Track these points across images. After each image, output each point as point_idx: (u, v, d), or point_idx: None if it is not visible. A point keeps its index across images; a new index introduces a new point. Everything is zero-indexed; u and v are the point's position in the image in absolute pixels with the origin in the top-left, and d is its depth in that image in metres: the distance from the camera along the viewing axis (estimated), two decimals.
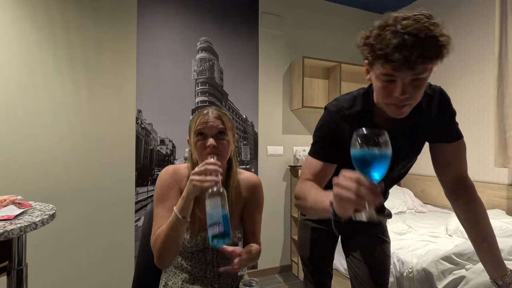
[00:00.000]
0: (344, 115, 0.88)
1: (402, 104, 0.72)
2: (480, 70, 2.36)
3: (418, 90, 0.72)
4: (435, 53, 0.67)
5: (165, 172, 0.96)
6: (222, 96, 2.47)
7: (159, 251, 0.86)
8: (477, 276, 1.29)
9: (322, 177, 0.89)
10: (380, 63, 0.69)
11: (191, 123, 0.93)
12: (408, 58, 0.64)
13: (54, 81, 1.97)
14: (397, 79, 0.69)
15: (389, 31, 0.66)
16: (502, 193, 2.17)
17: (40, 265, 1.89)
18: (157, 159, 2.27)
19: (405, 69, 0.66)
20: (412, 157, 0.96)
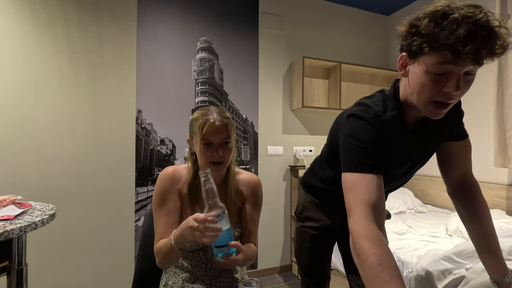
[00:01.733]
0: (382, 121, 0.77)
1: (449, 102, 0.67)
2: (480, 70, 2.35)
3: (468, 86, 0.66)
4: (502, 49, 0.61)
5: (163, 175, 0.95)
6: (222, 96, 2.47)
7: (160, 262, 0.89)
8: (477, 276, 1.29)
9: (382, 198, 0.71)
10: (439, 54, 0.61)
11: (194, 127, 0.91)
12: (478, 51, 0.58)
13: (54, 81, 1.96)
14: (454, 71, 0.63)
15: (452, 19, 0.59)
16: (502, 193, 2.17)
17: (40, 265, 1.89)
18: (157, 159, 2.27)
19: (470, 63, 0.61)
20: (425, 162, 0.94)
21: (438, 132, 0.85)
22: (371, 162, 0.72)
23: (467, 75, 0.65)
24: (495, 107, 2.08)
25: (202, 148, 0.89)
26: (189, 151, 0.98)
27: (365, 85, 3.01)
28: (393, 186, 0.99)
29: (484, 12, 0.59)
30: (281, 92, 2.71)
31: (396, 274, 0.61)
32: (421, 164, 0.93)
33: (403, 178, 0.95)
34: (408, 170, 0.91)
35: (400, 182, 0.97)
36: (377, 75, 3.07)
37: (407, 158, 0.87)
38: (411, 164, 0.89)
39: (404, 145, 0.82)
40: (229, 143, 0.92)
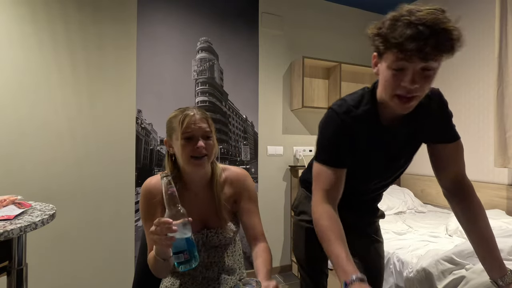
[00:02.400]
0: (353, 116, 0.84)
1: (410, 96, 0.72)
2: (480, 70, 2.36)
3: (427, 81, 0.72)
4: (448, 46, 0.67)
5: (145, 189, 0.93)
6: (222, 96, 2.47)
7: (153, 272, 0.88)
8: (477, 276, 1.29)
9: (338, 187, 0.85)
10: (392, 52, 0.70)
11: (173, 123, 0.89)
12: (422, 49, 0.65)
13: (54, 81, 1.96)
14: (408, 67, 0.70)
15: (404, 21, 0.66)
16: (502, 193, 2.17)
17: (40, 265, 1.89)
18: (157, 159, 2.27)
19: (417, 60, 0.67)
20: (408, 160, 0.96)
21: (419, 132, 0.88)
22: (331, 156, 0.84)
23: (424, 70, 0.70)
24: (495, 107, 2.08)
25: (183, 143, 0.86)
26: (167, 155, 0.95)
27: (365, 85, 2.99)
28: (381, 183, 1.00)
29: (437, 14, 0.67)
30: (281, 92, 2.71)
31: (340, 237, 0.79)
32: (404, 162, 0.95)
33: (387, 174, 0.97)
34: (390, 166, 0.94)
35: (386, 179, 0.99)
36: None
37: (384, 154, 0.89)
38: (392, 161, 0.92)
39: (378, 141, 0.87)
40: (210, 137, 0.90)
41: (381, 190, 1.07)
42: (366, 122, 0.84)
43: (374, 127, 0.85)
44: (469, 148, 2.43)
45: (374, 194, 1.07)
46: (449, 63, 2.56)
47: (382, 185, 1.03)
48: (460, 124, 2.49)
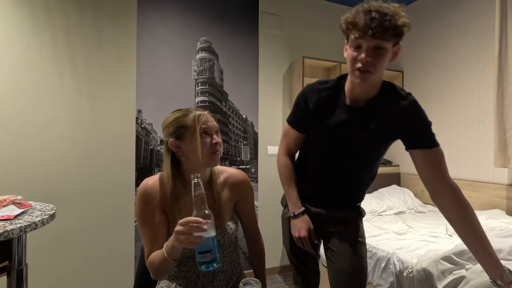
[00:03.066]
0: (315, 90, 1.04)
1: (365, 69, 0.87)
2: (480, 70, 2.36)
3: (379, 59, 0.87)
4: (392, 28, 0.83)
5: (142, 191, 0.91)
6: (222, 96, 2.47)
7: (154, 274, 0.87)
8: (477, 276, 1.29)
9: (296, 147, 1.15)
10: (352, 33, 0.87)
11: (184, 123, 0.88)
12: (369, 25, 0.82)
13: (54, 81, 1.96)
14: (363, 44, 0.86)
15: (363, 9, 0.85)
16: (502, 193, 2.17)
17: (40, 265, 1.89)
18: (157, 159, 2.27)
19: (368, 37, 0.84)
20: (369, 149, 1.02)
21: (386, 126, 0.97)
22: (294, 119, 1.11)
23: (377, 49, 0.86)
24: (495, 107, 2.08)
25: (202, 139, 0.87)
26: (168, 156, 0.91)
27: None
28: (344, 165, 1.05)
29: (391, 6, 0.84)
30: (281, 92, 2.71)
31: (294, 181, 1.13)
32: (364, 149, 1.02)
33: (347, 155, 1.03)
34: (347, 147, 1.02)
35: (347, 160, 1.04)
36: None
37: (341, 130, 1.00)
38: (348, 141, 1.01)
39: (338, 116, 1.00)
40: (218, 132, 0.94)
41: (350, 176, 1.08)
42: (331, 95, 1.02)
43: (336, 103, 1.01)
44: (469, 148, 2.43)
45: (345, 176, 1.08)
46: (449, 63, 2.57)
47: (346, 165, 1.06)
48: (460, 124, 2.49)
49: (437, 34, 2.71)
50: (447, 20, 2.62)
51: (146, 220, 0.89)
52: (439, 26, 2.69)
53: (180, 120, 0.89)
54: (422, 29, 2.85)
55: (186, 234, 0.71)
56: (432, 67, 2.74)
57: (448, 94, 2.59)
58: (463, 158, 2.47)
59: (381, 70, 0.90)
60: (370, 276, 1.74)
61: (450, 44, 2.59)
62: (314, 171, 1.13)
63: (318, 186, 1.13)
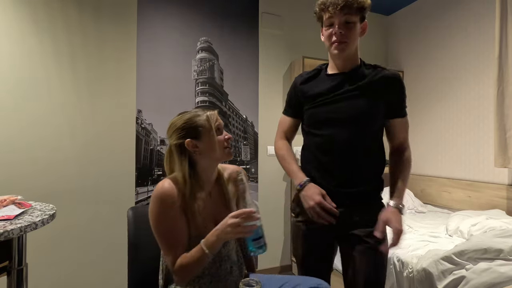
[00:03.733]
0: (301, 75, 1.19)
1: (340, 40, 1.02)
2: (480, 70, 2.36)
3: (350, 31, 1.02)
4: (356, 4, 0.99)
5: (163, 195, 0.88)
6: (222, 96, 2.47)
7: (186, 278, 0.88)
8: (477, 276, 1.29)
9: (291, 132, 1.23)
10: (324, 14, 1.04)
11: (199, 123, 0.92)
12: (337, 3, 0.98)
13: (54, 81, 1.96)
14: (334, 21, 1.01)
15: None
16: (502, 193, 2.17)
17: (40, 265, 1.89)
18: (157, 159, 2.27)
19: (337, 12, 0.99)
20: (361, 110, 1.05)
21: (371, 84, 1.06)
22: (287, 108, 1.22)
23: (347, 23, 1.01)
24: (495, 107, 2.08)
25: (218, 137, 0.94)
26: (183, 158, 0.92)
27: None
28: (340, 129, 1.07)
29: None
30: (281, 92, 2.71)
31: (293, 159, 1.17)
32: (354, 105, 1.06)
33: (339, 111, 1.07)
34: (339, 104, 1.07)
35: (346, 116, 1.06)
36: None
37: (329, 90, 1.09)
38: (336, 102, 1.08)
39: (323, 81, 1.12)
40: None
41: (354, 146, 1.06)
42: (316, 75, 1.15)
43: (321, 77, 1.14)
44: (469, 148, 2.43)
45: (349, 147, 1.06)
46: (449, 63, 2.57)
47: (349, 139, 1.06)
48: (460, 124, 2.49)
49: (437, 34, 2.71)
50: (447, 20, 2.62)
51: (170, 225, 0.88)
52: (439, 26, 2.69)
53: (193, 120, 0.93)
54: (422, 29, 2.85)
55: (241, 225, 0.79)
56: (432, 67, 2.74)
57: (449, 94, 2.59)
58: (463, 158, 2.47)
59: (355, 42, 1.05)
60: None
61: (450, 44, 2.59)
62: (320, 154, 1.09)
63: (328, 169, 1.08)
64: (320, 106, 1.09)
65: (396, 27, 3.15)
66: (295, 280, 0.99)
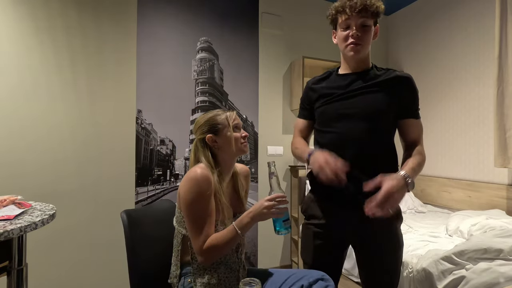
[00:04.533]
0: (313, 78, 1.22)
1: (356, 43, 1.04)
2: (480, 70, 2.36)
3: (366, 34, 1.04)
4: (373, 8, 1.02)
5: (200, 178, 0.94)
6: (222, 96, 2.47)
7: (214, 258, 0.96)
8: (477, 276, 1.29)
9: (306, 132, 1.24)
10: (340, 17, 1.05)
11: (219, 121, 1.04)
12: (355, 7, 1.00)
13: (54, 81, 1.97)
14: (351, 23, 1.03)
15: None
16: (502, 193, 2.17)
17: (40, 265, 1.89)
18: (157, 159, 2.27)
19: (355, 15, 1.01)
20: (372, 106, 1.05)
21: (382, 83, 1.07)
22: (301, 111, 1.25)
23: (363, 26, 1.03)
24: (495, 107, 2.08)
25: (236, 133, 1.05)
26: (205, 150, 1.04)
27: None
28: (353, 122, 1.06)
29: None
30: (281, 92, 2.71)
31: (302, 143, 1.19)
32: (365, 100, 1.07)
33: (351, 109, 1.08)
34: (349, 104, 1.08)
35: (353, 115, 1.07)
36: None
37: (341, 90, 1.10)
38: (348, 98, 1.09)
39: (336, 83, 1.14)
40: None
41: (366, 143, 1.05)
42: (327, 77, 1.18)
43: (332, 78, 1.16)
44: (469, 148, 2.43)
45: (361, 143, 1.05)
46: (449, 63, 2.57)
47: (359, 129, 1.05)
48: (461, 124, 2.49)
49: (438, 34, 2.70)
50: (447, 20, 2.62)
51: (205, 206, 0.96)
52: (439, 26, 2.69)
53: (214, 119, 1.05)
54: (422, 29, 2.85)
55: (275, 207, 0.91)
56: (432, 67, 2.74)
57: (449, 94, 2.59)
58: (463, 158, 2.47)
59: (369, 45, 1.07)
60: None
61: (450, 44, 2.59)
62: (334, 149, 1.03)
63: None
64: (332, 103, 1.10)
65: (396, 27, 3.15)
66: (301, 272, 1.03)
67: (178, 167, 2.34)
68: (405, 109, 1.08)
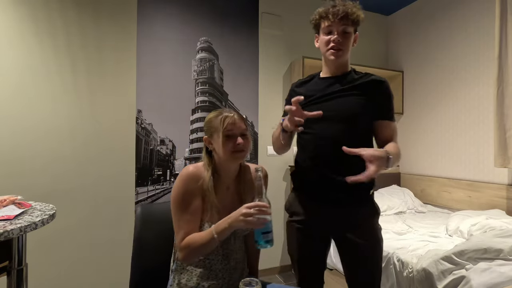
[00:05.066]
0: (296, 81, 1.29)
1: (338, 48, 1.10)
2: (480, 70, 2.36)
3: (346, 40, 1.11)
4: (352, 17, 1.09)
5: (186, 175, 0.97)
6: (222, 96, 2.47)
7: (190, 257, 0.94)
8: (477, 276, 1.29)
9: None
10: (323, 22, 1.12)
11: (214, 123, 0.98)
12: (337, 13, 1.08)
13: (54, 81, 1.97)
14: (333, 29, 1.10)
15: (329, 5, 1.11)
16: (502, 193, 2.17)
17: (40, 265, 1.89)
18: (157, 159, 2.27)
19: (337, 21, 1.08)
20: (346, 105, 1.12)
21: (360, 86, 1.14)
22: (285, 113, 1.16)
23: (344, 33, 1.11)
24: (495, 107, 2.08)
25: (225, 140, 0.96)
26: (205, 151, 1.04)
27: None
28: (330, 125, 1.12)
29: (348, 1, 1.11)
30: (281, 92, 2.71)
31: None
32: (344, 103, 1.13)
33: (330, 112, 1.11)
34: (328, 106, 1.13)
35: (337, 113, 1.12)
36: (377, 74, 3.06)
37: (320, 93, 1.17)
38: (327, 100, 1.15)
39: (316, 86, 1.20)
40: (246, 135, 1.00)
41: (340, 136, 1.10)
42: (310, 80, 1.24)
43: (314, 81, 1.23)
44: (469, 148, 2.43)
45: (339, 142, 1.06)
46: (449, 63, 2.57)
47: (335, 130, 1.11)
48: (460, 124, 2.49)
49: (438, 34, 2.71)
50: (447, 20, 2.62)
51: (187, 202, 0.95)
52: (439, 26, 2.69)
53: (212, 120, 1.00)
54: (423, 29, 2.85)
55: (253, 216, 0.83)
56: (433, 67, 2.74)
57: (449, 94, 2.59)
58: (463, 158, 2.47)
59: (348, 51, 1.14)
60: None
61: (450, 44, 2.59)
62: (314, 149, 1.16)
63: (322, 162, 1.13)
64: (313, 105, 1.15)
65: (396, 27, 3.15)
66: None
67: (178, 167, 2.34)
68: (380, 112, 1.14)
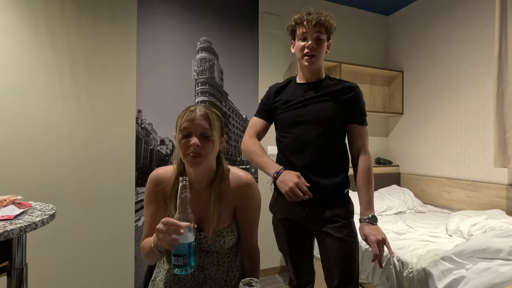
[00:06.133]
0: (274, 85, 1.35)
1: (311, 54, 1.17)
2: (480, 70, 2.36)
3: (320, 47, 1.18)
4: (326, 24, 1.17)
5: (150, 178, 0.95)
6: (222, 96, 2.47)
7: (144, 259, 0.91)
8: (477, 276, 1.29)
9: (262, 133, 1.35)
10: (299, 29, 1.19)
11: (177, 119, 0.88)
12: (311, 21, 1.15)
13: (54, 81, 1.96)
14: (307, 36, 1.17)
15: (305, 13, 1.20)
16: (502, 193, 2.17)
17: (40, 265, 1.89)
18: (157, 159, 2.27)
19: (311, 27, 1.16)
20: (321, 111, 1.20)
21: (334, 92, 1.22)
22: (259, 110, 1.36)
23: (318, 40, 1.18)
24: (495, 107, 2.08)
25: (180, 139, 0.84)
26: (176, 151, 0.93)
27: (365, 85, 3.01)
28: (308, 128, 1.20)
29: (322, 10, 1.19)
30: None
31: (263, 152, 1.26)
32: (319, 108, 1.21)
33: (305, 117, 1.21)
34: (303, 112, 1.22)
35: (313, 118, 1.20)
36: (377, 75, 3.06)
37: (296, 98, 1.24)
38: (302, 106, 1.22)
39: (292, 91, 1.27)
40: (209, 136, 0.85)
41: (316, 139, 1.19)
42: (286, 85, 1.30)
43: (291, 86, 1.29)
44: (469, 148, 2.43)
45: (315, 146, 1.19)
46: (449, 64, 2.57)
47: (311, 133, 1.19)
48: (460, 124, 2.49)
49: (438, 34, 2.71)
50: (447, 20, 2.62)
51: (149, 204, 0.93)
52: (439, 26, 2.69)
53: (179, 115, 0.89)
54: (423, 29, 2.85)
55: (164, 233, 0.71)
56: (432, 67, 2.74)
57: (448, 94, 2.59)
58: (463, 158, 2.47)
59: (322, 57, 1.21)
60: (370, 276, 1.74)
61: (450, 44, 2.59)
62: (292, 151, 1.24)
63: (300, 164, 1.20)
64: (290, 111, 1.24)
65: (396, 27, 3.15)
66: None
67: None
68: (352, 116, 1.23)
